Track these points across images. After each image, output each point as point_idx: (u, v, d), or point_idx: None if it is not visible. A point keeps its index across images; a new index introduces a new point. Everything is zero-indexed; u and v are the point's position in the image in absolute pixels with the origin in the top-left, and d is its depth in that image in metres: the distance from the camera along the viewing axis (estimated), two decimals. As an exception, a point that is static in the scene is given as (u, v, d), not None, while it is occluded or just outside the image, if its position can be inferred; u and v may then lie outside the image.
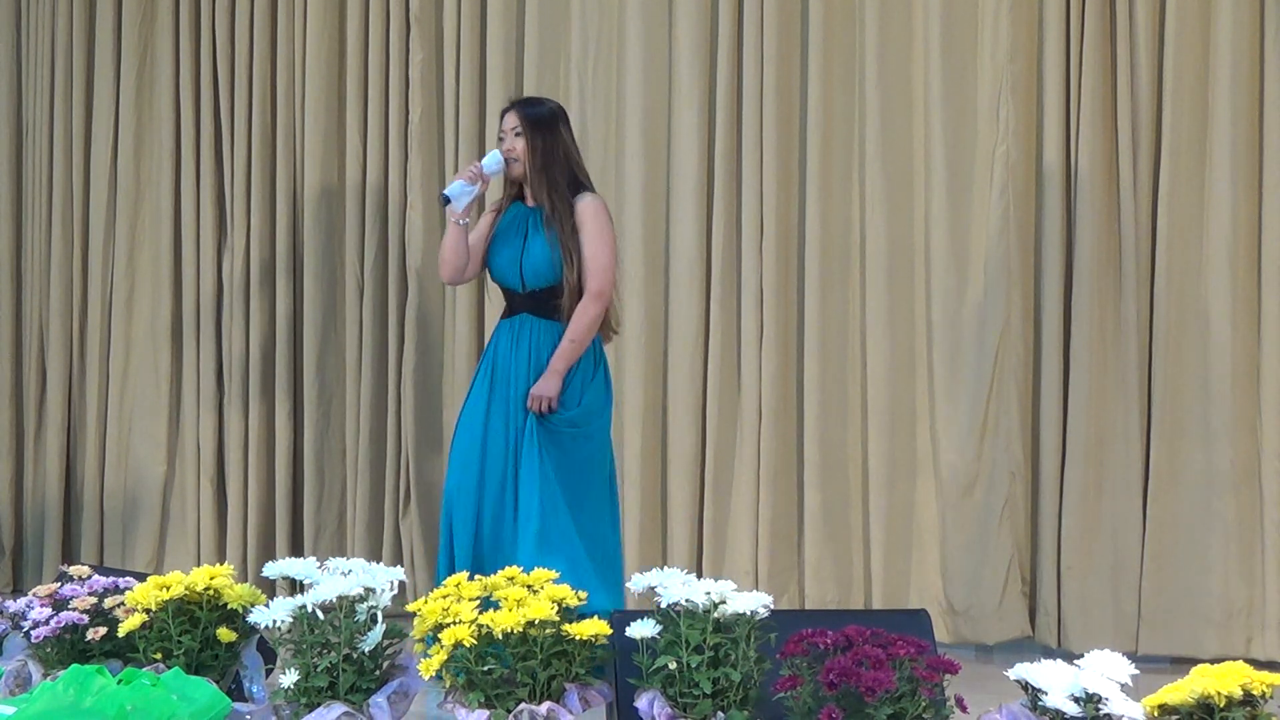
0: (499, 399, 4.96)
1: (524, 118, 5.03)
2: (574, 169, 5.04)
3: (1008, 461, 5.78)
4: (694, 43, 6.11)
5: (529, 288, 4.97)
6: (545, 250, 4.93)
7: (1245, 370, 5.58)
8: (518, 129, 5.02)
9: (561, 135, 5.04)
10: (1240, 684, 3.35)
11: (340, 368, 6.61)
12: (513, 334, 4.98)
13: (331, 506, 6.63)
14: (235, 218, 6.73)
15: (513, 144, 5.02)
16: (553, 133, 5.03)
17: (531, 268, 4.95)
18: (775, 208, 6.01)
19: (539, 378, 4.90)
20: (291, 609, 3.75)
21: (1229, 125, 5.57)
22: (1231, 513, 5.58)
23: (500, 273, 5.04)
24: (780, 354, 6.02)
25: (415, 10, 6.44)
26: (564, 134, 5.05)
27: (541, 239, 4.94)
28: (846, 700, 3.40)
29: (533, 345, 4.96)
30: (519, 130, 5.02)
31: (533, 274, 4.96)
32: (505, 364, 4.98)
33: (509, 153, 5.02)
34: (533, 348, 4.96)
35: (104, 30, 6.94)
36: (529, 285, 4.97)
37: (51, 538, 6.93)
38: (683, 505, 6.10)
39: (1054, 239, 5.75)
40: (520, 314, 4.99)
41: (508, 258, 5.00)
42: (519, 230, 5.00)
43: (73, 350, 7.00)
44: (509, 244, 5.00)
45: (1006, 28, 5.78)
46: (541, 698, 3.63)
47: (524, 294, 4.98)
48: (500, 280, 5.06)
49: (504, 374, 4.97)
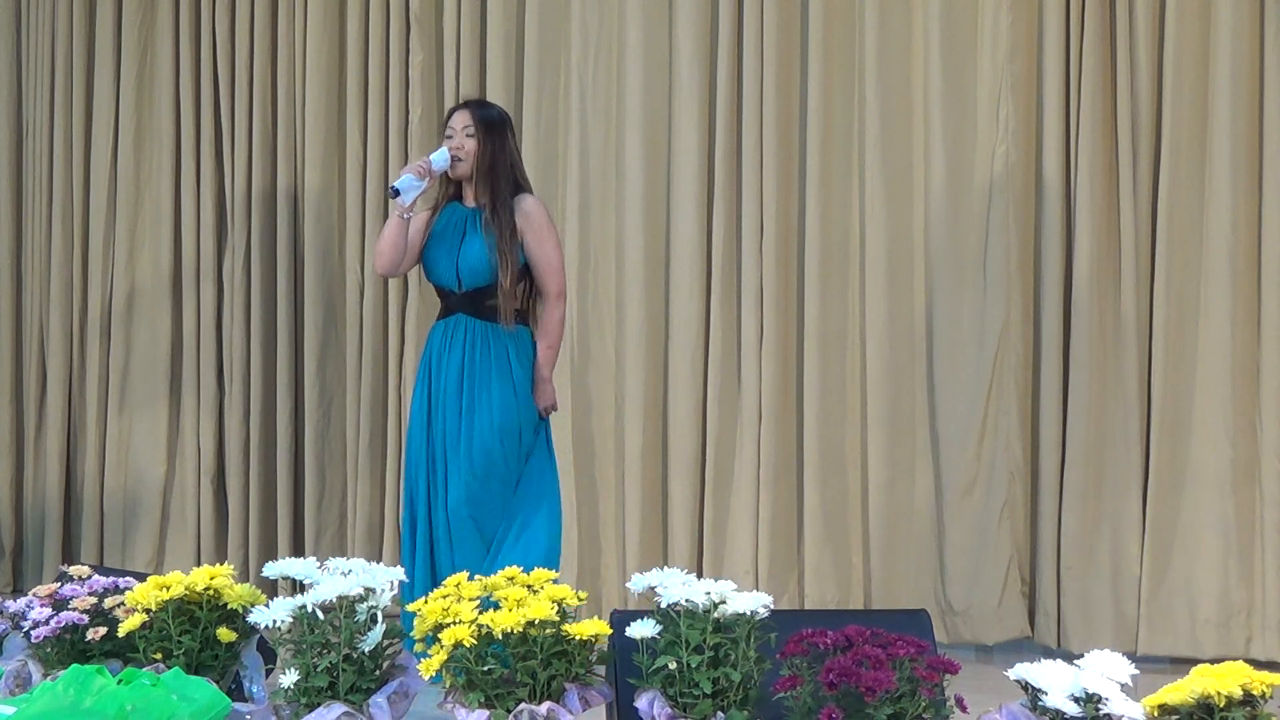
0: (434, 401, 5.00)
1: (478, 119, 5.04)
2: (517, 175, 5.07)
3: (1007, 461, 5.78)
4: (694, 43, 6.11)
5: (465, 288, 4.98)
6: (482, 251, 4.94)
7: (1245, 370, 5.59)
8: (469, 129, 5.02)
9: (509, 140, 5.08)
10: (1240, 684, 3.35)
11: (341, 368, 6.61)
12: (446, 334, 5.01)
13: (332, 507, 6.64)
14: (235, 218, 6.74)
15: (462, 142, 5.01)
16: (502, 137, 5.06)
17: (468, 268, 4.96)
18: (775, 208, 6.01)
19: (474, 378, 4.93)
20: (291, 609, 3.75)
21: (1229, 125, 5.57)
22: (1231, 513, 5.58)
23: (437, 273, 5.05)
24: (780, 354, 6.03)
25: (415, 10, 6.44)
26: (510, 139, 5.09)
27: (479, 240, 4.95)
28: (846, 700, 3.40)
29: (466, 344, 4.97)
30: (470, 130, 5.02)
31: (469, 274, 4.97)
32: (439, 365, 5.00)
33: (457, 151, 5.01)
34: (466, 346, 4.97)
35: (104, 30, 6.94)
36: (465, 285, 4.98)
37: (51, 538, 6.93)
38: (683, 505, 6.10)
39: (1054, 239, 5.75)
40: (455, 314, 5.00)
41: (444, 257, 5.01)
42: (456, 231, 5.00)
43: (73, 350, 7.00)
44: (446, 244, 5.01)
45: (1006, 28, 5.78)
46: (541, 698, 3.62)
47: (460, 294, 4.99)
48: (436, 280, 5.07)
49: (437, 375, 5.00)
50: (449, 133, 5.07)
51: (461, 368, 4.97)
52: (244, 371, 6.70)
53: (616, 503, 6.23)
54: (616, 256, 6.25)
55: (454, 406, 4.98)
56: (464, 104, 5.18)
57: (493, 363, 4.98)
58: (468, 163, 5.02)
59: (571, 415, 6.21)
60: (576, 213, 6.27)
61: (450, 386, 4.98)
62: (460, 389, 4.97)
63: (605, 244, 6.27)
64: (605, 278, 6.27)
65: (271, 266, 6.68)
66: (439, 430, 4.99)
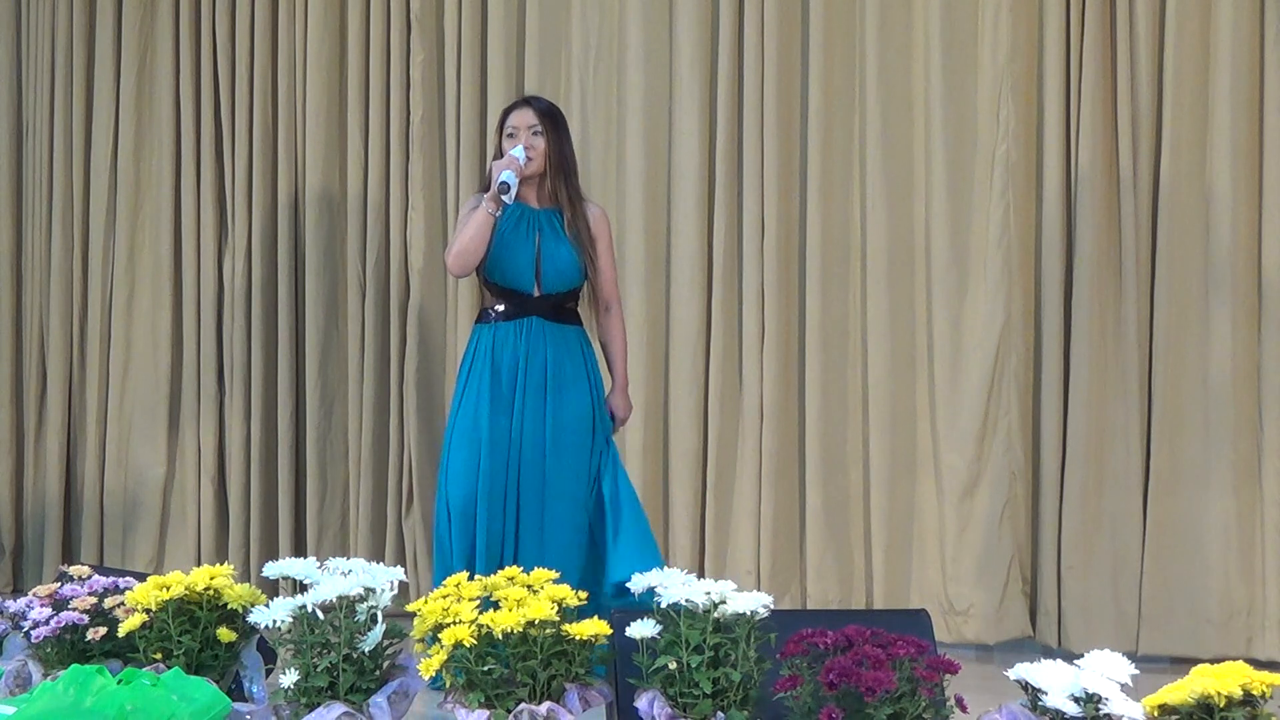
0: (503, 404, 4.92)
1: (545, 117, 4.98)
2: (577, 171, 5.04)
3: (1008, 461, 5.78)
4: (694, 43, 6.11)
5: (545, 291, 4.94)
6: (571, 255, 4.91)
7: (1245, 370, 5.58)
8: (535, 127, 4.96)
9: (568, 136, 5.05)
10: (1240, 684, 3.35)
11: (342, 368, 6.61)
12: (521, 337, 4.92)
13: (334, 507, 6.63)
14: (236, 218, 6.73)
15: (532, 142, 4.95)
16: (566, 132, 5.03)
17: (555, 272, 4.92)
18: (776, 207, 6.01)
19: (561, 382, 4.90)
20: (291, 609, 3.75)
21: (1229, 125, 5.57)
22: (1232, 512, 5.58)
23: (511, 275, 4.95)
24: (781, 354, 6.03)
25: (416, 11, 6.44)
26: (568, 134, 5.06)
27: (566, 243, 4.91)
28: (846, 700, 3.40)
29: (550, 350, 4.92)
30: (537, 128, 4.96)
31: (555, 278, 4.93)
32: (513, 368, 4.91)
33: (530, 150, 4.93)
34: (550, 352, 4.92)
35: (104, 30, 6.94)
36: (546, 289, 4.94)
37: (51, 538, 6.93)
38: (685, 504, 6.11)
39: (1054, 239, 5.75)
40: (529, 316, 4.94)
41: (522, 260, 4.93)
42: (528, 233, 4.94)
43: (73, 350, 7.00)
44: (520, 246, 4.94)
45: (1006, 28, 5.78)
46: (541, 698, 3.63)
47: (537, 297, 4.94)
48: (507, 282, 4.97)
49: (512, 378, 4.91)
50: (510, 131, 4.98)
51: (545, 370, 4.91)
52: (244, 371, 6.70)
53: (617, 502, 6.22)
54: (617, 255, 6.24)
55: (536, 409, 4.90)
56: (525, 101, 5.10)
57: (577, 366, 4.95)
58: (538, 161, 4.94)
59: (572, 415, 6.21)
60: (577, 212, 6.27)
61: (533, 389, 4.90)
62: (544, 391, 4.91)
63: (606, 243, 6.27)
64: (606, 277, 6.27)
65: (272, 266, 6.68)
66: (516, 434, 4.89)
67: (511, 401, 4.91)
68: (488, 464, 4.89)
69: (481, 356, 4.98)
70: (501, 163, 4.92)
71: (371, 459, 6.50)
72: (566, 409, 4.92)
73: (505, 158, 4.95)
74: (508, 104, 5.27)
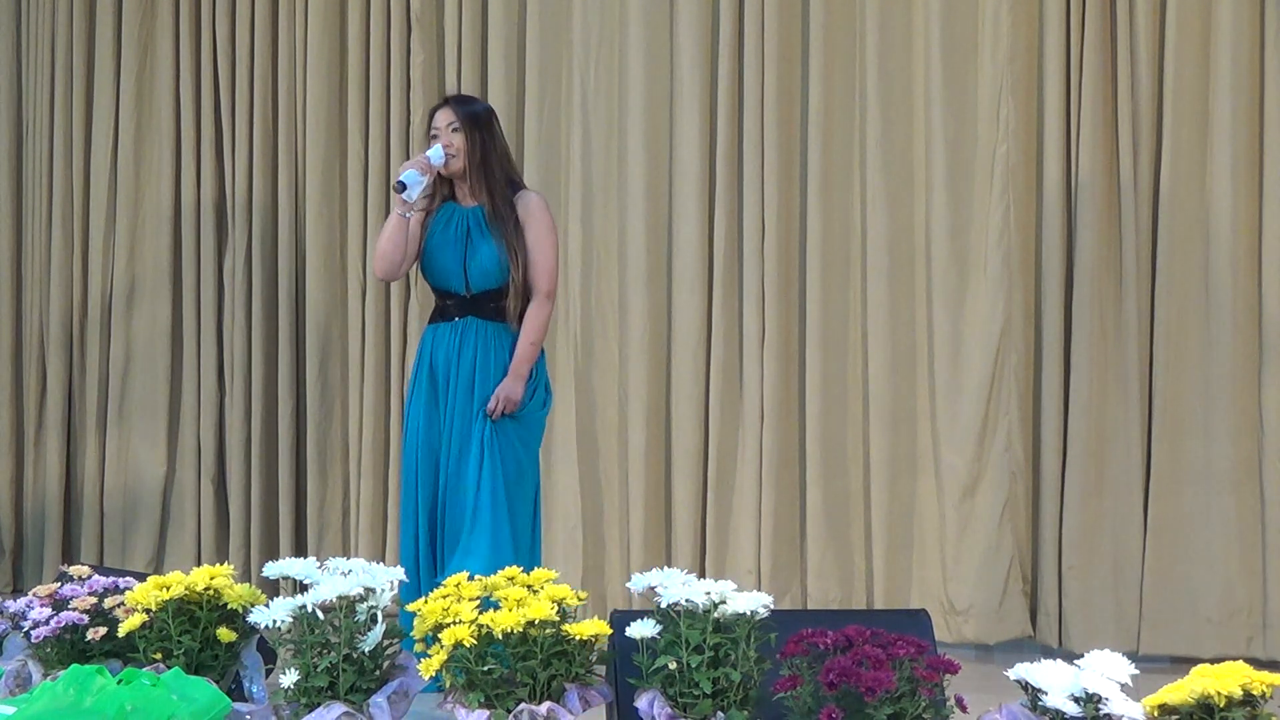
0: (442, 406, 4.92)
1: (462, 114, 4.95)
2: (509, 168, 5.01)
3: (1008, 461, 5.78)
4: (695, 43, 6.11)
5: (474, 290, 4.91)
6: (492, 252, 4.87)
7: (1245, 370, 5.59)
8: (454, 125, 4.93)
9: (497, 133, 5.00)
10: (1240, 684, 3.35)
11: (343, 367, 6.61)
12: (455, 338, 4.91)
13: (334, 506, 6.63)
14: (236, 218, 6.74)
15: (450, 139, 4.92)
16: (489, 130, 4.97)
17: (479, 270, 4.88)
18: (776, 208, 6.02)
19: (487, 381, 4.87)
20: (291, 609, 3.75)
21: (1229, 125, 5.57)
22: (1232, 512, 5.58)
23: (442, 276, 4.94)
24: (782, 354, 6.03)
25: (416, 11, 6.44)
26: (498, 132, 5.01)
27: (488, 241, 4.87)
28: (846, 700, 3.40)
29: (479, 349, 4.89)
30: (455, 126, 4.93)
31: (480, 276, 4.89)
32: (447, 369, 4.90)
33: (448, 148, 4.91)
34: (479, 351, 4.89)
35: (104, 30, 6.94)
36: (474, 288, 4.91)
37: (51, 538, 6.93)
38: (686, 504, 6.11)
39: (1054, 239, 5.75)
40: (465, 316, 4.92)
41: (450, 260, 4.91)
42: (459, 232, 4.91)
43: (73, 350, 7.00)
44: (449, 246, 4.91)
45: (1006, 28, 5.78)
46: (541, 698, 3.62)
47: (468, 297, 4.91)
48: (440, 284, 4.96)
49: (446, 379, 4.91)
50: (434, 131, 4.97)
51: (474, 370, 4.90)
52: (245, 371, 6.70)
53: (619, 501, 6.23)
54: (619, 255, 6.25)
55: (464, 410, 4.90)
56: (445, 101, 5.09)
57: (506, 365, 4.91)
58: (459, 159, 4.92)
59: (575, 414, 6.21)
60: (578, 212, 6.27)
61: (462, 389, 4.90)
62: (472, 392, 4.90)
63: (607, 243, 6.27)
64: (607, 277, 6.27)
65: (272, 266, 6.68)
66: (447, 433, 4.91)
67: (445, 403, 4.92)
68: (424, 467, 4.92)
69: (422, 358, 5.00)
70: (407, 163, 4.94)
71: (371, 459, 6.50)
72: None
73: (412, 159, 5.00)
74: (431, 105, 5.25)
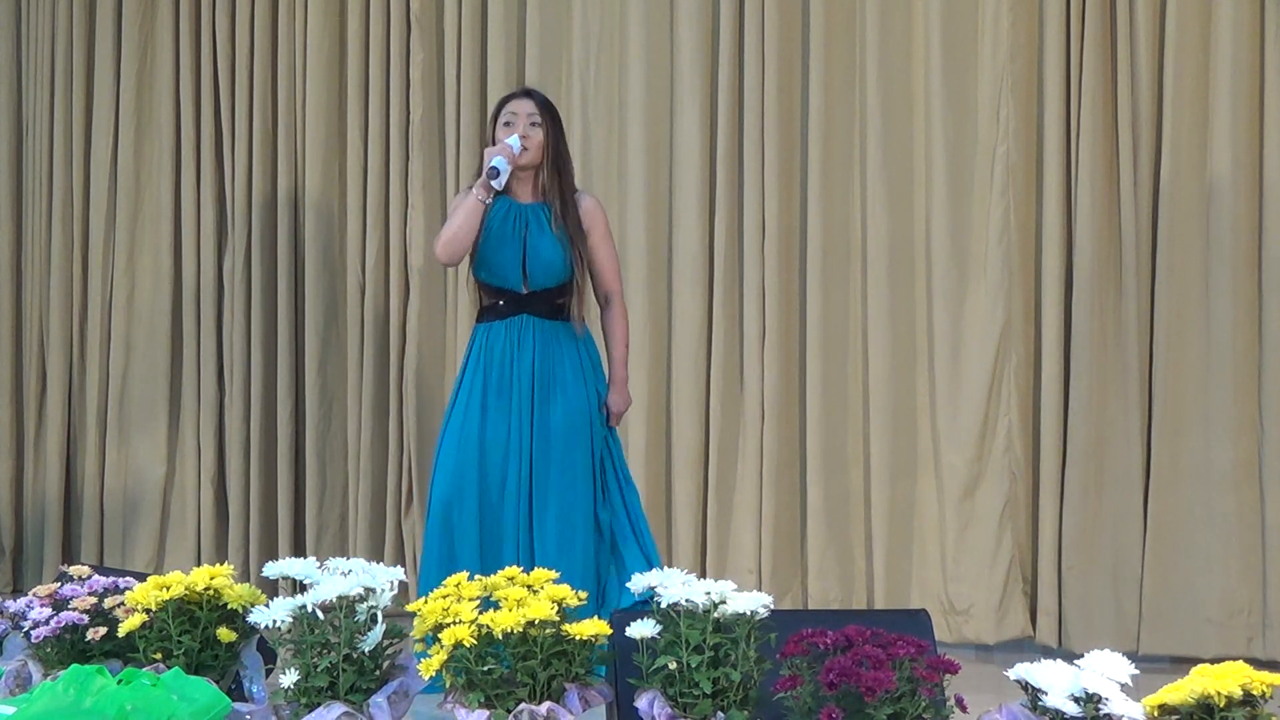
0: (499, 404, 4.87)
1: (545, 110, 4.90)
2: (572, 167, 5.00)
3: (1008, 461, 5.78)
4: (695, 43, 6.11)
5: (533, 287, 4.88)
6: (557, 249, 4.83)
7: (1245, 370, 5.58)
8: (534, 117, 4.87)
9: (565, 135, 5.00)
10: (1240, 684, 3.35)
11: (342, 367, 6.61)
12: (512, 335, 4.87)
13: (333, 507, 6.63)
14: (235, 218, 6.74)
15: (529, 132, 4.86)
16: (562, 127, 4.96)
17: (541, 267, 4.85)
18: (777, 207, 6.01)
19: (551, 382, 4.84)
20: (291, 609, 3.75)
21: (1229, 125, 5.57)
22: (1232, 512, 5.58)
23: (499, 272, 4.89)
24: (782, 353, 6.03)
25: (416, 10, 6.44)
26: (564, 134, 5.02)
27: (551, 238, 4.84)
28: (846, 700, 3.40)
29: (538, 346, 4.86)
30: (535, 119, 4.87)
31: (542, 273, 4.85)
32: (505, 367, 4.86)
33: (525, 139, 4.83)
34: (538, 348, 4.86)
35: (104, 30, 6.94)
36: (534, 285, 4.87)
37: (51, 538, 6.93)
38: (686, 504, 6.11)
39: (1054, 239, 5.75)
40: (520, 314, 4.89)
41: (509, 256, 4.86)
42: (517, 228, 4.87)
43: (73, 350, 7.00)
44: (506, 243, 4.86)
45: (1006, 28, 5.78)
46: (541, 698, 3.62)
47: (526, 294, 4.88)
48: (498, 280, 4.91)
49: (505, 377, 4.86)
50: (507, 119, 4.89)
51: (533, 370, 4.85)
52: (244, 371, 6.70)
53: (617, 502, 6.22)
54: (620, 255, 6.24)
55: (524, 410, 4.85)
56: (525, 91, 5.03)
57: (568, 364, 4.89)
58: (534, 152, 4.85)
59: (572, 415, 6.21)
60: (577, 212, 6.27)
61: (523, 389, 4.85)
62: (533, 392, 4.86)
63: (607, 243, 6.27)
64: (607, 277, 6.26)
65: (272, 266, 6.68)
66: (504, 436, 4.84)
67: (502, 402, 4.87)
68: (475, 466, 4.85)
69: (475, 356, 4.93)
70: (494, 149, 4.84)
71: (371, 459, 6.50)
72: (555, 409, 4.85)
73: (499, 145, 4.88)
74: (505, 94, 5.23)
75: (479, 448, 4.87)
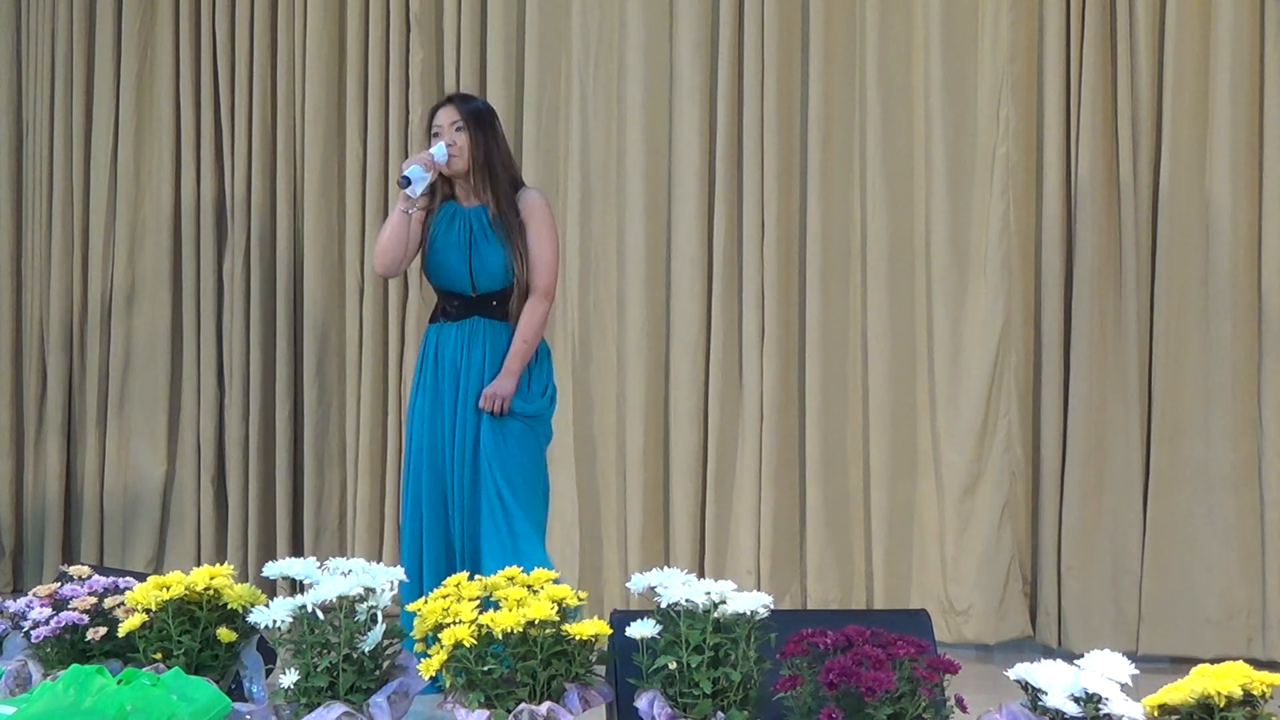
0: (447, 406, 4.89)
1: (465, 113, 4.91)
2: (511, 167, 4.99)
3: (1008, 461, 5.78)
4: (695, 43, 6.11)
5: (480, 291, 4.89)
6: (499, 255, 4.84)
7: (1245, 370, 5.59)
8: (458, 124, 4.89)
9: (499, 132, 4.97)
10: (1240, 684, 3.35)
11: (340, 368, 6.61)
12: (462, 338, 4.88)
13: (332, 507, 6.64)
14: (235, 218, 6.74)
15: (453, 138, 4.88)
16: (492, 129, 4.95)
17: (484, 271, 4.85)
18: (776, 207, 6.02)
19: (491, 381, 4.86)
20: (291, 609, 3.75)
21: (1229, 125, 5.57)
22: (1232, 512, 5.58)
23: (446, 277, 4.91)
24: (781, 353, 6.03)
25: (415, 10, 6.44)
26: (500, 131, 4.98)
27: (493, 243, 4.86)
28: (846, 700, 3.40)
29: (487, 348, 4.87)
30: (459, 125, 4.89)
31: (486, 277, 4.86)
32: (454, 369, 4.88)
33: (451, 147, 4.87)
34: (488, 350, 4.88)
35: (104, 30, 6.94)
36: (480, 289, 4.88)
37: (51, 538, 6.93)
38: (685, 504, 6.11)
39: (1054, 239, 5.76)
40: (471, 317, 4.90)
41: (455, 261, 4.88)
42: (462, 232, 4.88)
43: (73, 350, 7.00)
44: (453, 247, 4.88)
45: (1006, 28, 5.78)
46: (541, 698, 3.62)
47: (474, 297, 4.89)
48: (444, 284, 4.93)
49: (453, 379, 4.89)
50: (436, 129, 4.93)
51: (483, 370, 4.87)
52: (244, 371, 6.70)
53: (618, 501, 6.23)
54: (618, 255, 6.25)
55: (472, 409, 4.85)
56: (447, 99, 5.05)
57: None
58: (462, 158, 4.89)
59: (573, 414, 6.21)
60: (577, 212, 6.27)
61: (473, 389, 4.86)
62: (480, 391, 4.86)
63: (606, 243, 6.27)
64: (606, 277, 6.27)
65: (271, 266, 6.68)
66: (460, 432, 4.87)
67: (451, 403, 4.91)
68: (429, 468, 4.89)
69: (426, 357, 4.97)
70: (410, 159, 4.91)
71: (369, 459, 6.50)
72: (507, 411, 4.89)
73: (419, 154, 4.95)
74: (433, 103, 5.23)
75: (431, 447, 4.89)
